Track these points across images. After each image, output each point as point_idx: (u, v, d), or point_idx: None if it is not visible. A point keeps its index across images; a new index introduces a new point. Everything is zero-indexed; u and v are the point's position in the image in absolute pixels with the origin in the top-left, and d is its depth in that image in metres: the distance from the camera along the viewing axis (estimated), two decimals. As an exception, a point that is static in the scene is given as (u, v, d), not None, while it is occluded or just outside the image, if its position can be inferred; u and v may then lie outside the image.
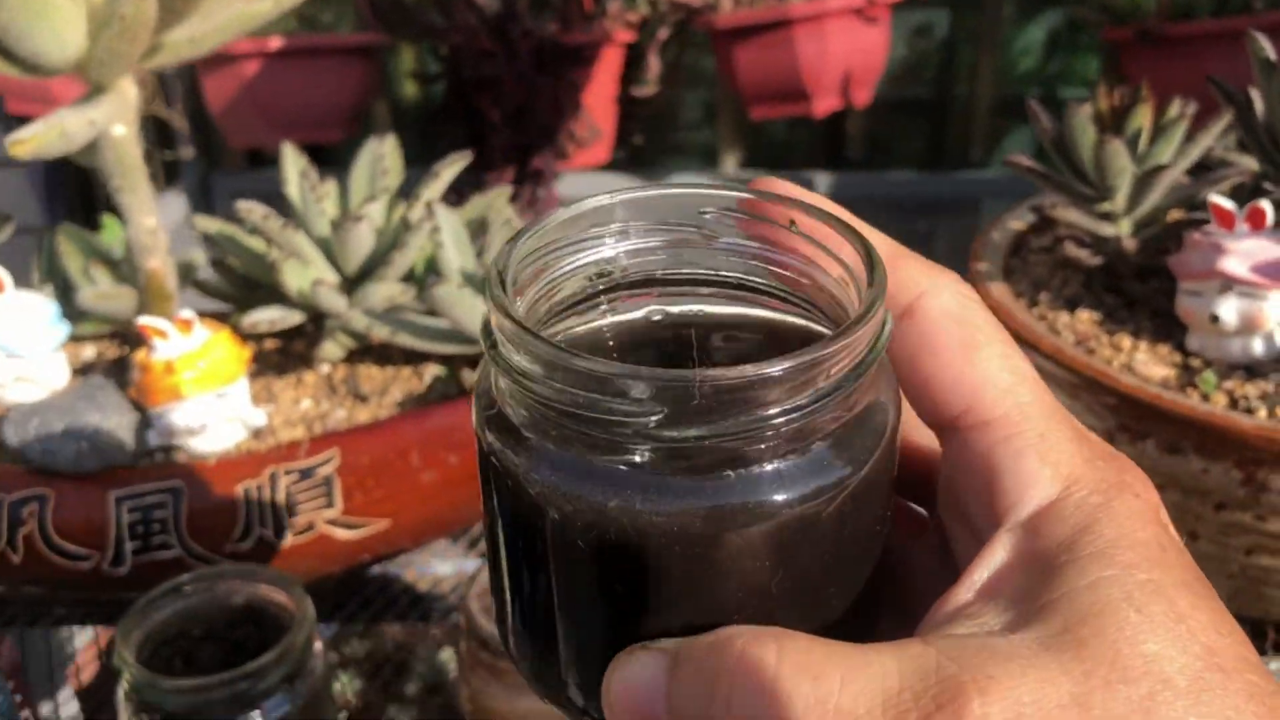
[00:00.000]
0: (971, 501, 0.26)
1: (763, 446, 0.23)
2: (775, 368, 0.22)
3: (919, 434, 0.29)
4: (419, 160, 0.73)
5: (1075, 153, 0.63)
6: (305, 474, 0.68)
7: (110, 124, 0.64)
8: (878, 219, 0.28)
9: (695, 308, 0.29)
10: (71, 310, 0.75)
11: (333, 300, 0.69)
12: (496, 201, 0.76)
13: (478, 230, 0.74)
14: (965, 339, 0.26)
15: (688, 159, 1.94)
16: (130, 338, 0.79)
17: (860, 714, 0.21)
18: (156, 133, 1.90)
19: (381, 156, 0.72)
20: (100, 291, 0.71)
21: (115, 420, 0.67)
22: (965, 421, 0.26)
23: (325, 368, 0.74)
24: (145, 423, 0.68)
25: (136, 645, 0.57)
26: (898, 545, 0.28)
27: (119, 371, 0.74)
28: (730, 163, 1.83)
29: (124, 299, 0.72)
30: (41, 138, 0.58)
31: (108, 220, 0.84)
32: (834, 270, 0.26)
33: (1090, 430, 0.26)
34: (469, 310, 0.64)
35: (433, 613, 0.77)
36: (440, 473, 0.69)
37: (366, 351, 0.74)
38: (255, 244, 0.73)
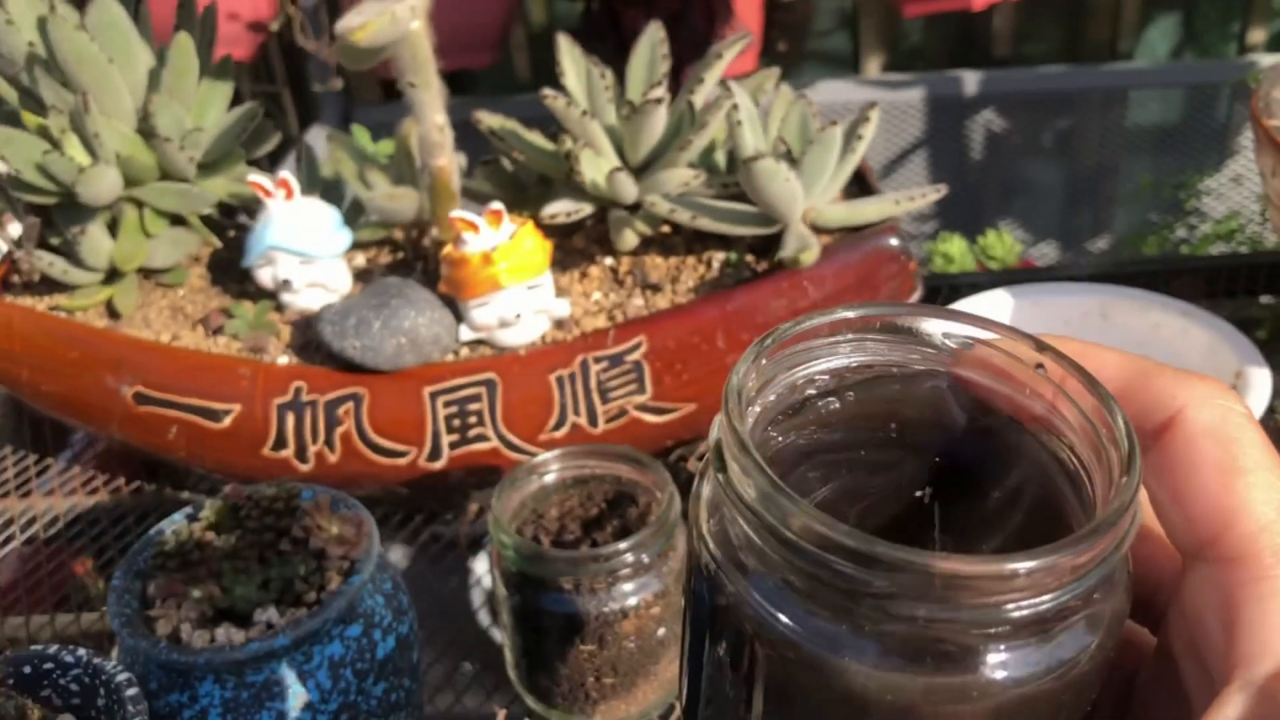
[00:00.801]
0: (1206, 638, 0.23)
1: (992, 631, 0.22)
2: (1020, 564, 0.21)
3: (1155, 545, 0.26)
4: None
5: None
6: (614, 361, 0.68)
7: (413, 18, 0.64)
8: (1022, 116, 0.26)
9: (934, 438, 0.27)
10: (348, 216, 0.75)
11: (628, 188, 0.68)
12: (765, 83, 0.74)
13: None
14: (1225, 461, 0.23)
15: (828, 65, 1.91)
16: (401, 244, 0.79)
17: None
18: (296, 68, 1.91)
19: (660, 42, 0.71)
20: (390, 192, 0.71)
21: (429, 316, 0.68)
22: (1213, 553, 0.23)
23: (609, 260, 0.74)
24: (458, 317, 0.69)
25: (506, 519, 0.57)
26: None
27: (403, 274, 0.75)
28: (873, 67, 1.80)
29: (409, 199, 0.72)
30: (375, 24, 0.58)
31: (356, 129, 0.84)
32: (1076, 420, 0.25)
33: None
34: (783, 187, 0.64)
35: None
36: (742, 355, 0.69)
37: (649, 243, 0.73)
38: (537, 139, 0.73)
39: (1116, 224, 2.02)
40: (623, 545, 0.54)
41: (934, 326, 0.27)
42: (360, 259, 0.79)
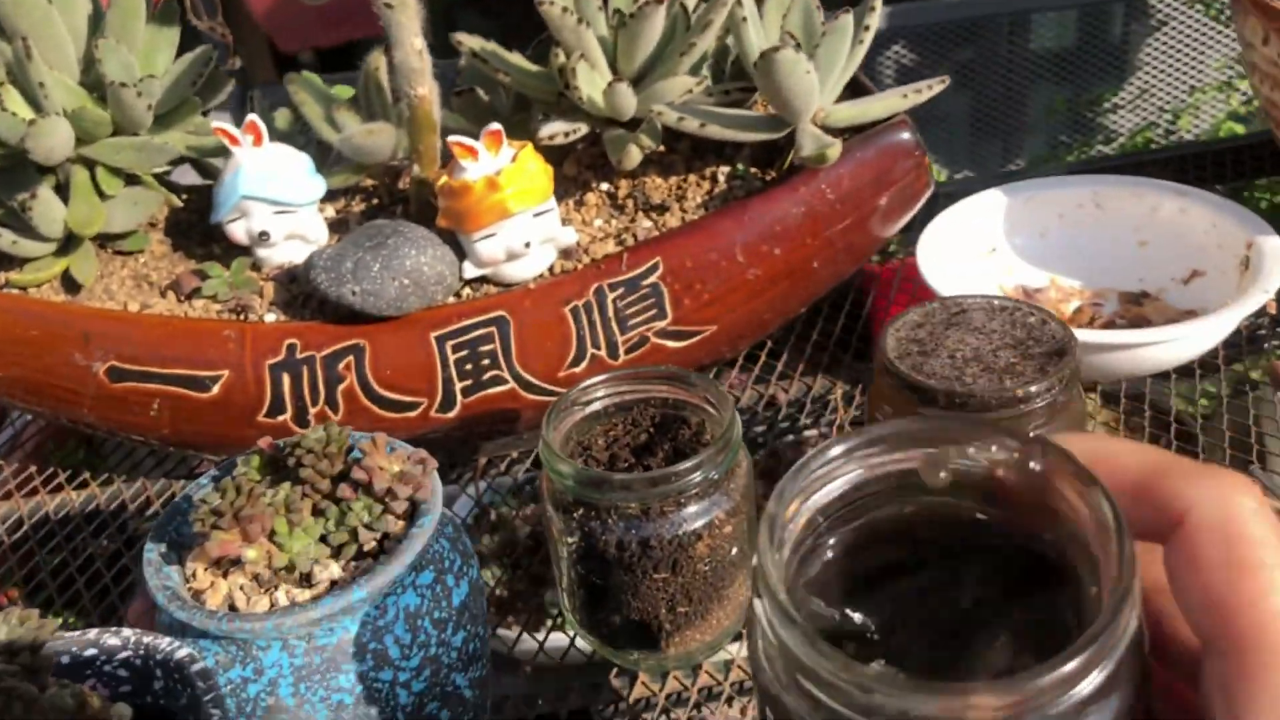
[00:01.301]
0: None
1: None
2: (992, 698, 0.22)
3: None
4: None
5: None
6: (631, 286, 0.65)
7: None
8: (928, 48, 0.24)
9: (951, 552, 0.28)
10: (318, 161, 0.70)
11: (628, 101, 0.65)
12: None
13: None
14: (1235, 557, 0.24)
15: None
16: (374, 189, 0.74)
17: None
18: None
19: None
20: (368, 128, 0.66)
21: (431, 253, 0.63)
22: (1217, 646, 0.24)
23: (605, 185, 0.70)
24: (460, 254, 0.64)
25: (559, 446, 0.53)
26: None
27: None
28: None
29: (387, 135, 0.67)
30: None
31: (307, 76, 0.78)
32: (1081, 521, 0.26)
33: None
34: (804, 80, 0.61)
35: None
36: (764, 269, 0.66)
37: (646, 163, 0.69)
38: (522, 61, 0.68)
39: (1025, 150, 2.05)
40: (690, 463, 0.51)
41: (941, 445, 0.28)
42: (329, 210, 0.73)
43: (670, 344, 0.66)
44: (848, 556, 0.28)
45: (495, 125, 0.61)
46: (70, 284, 0.67)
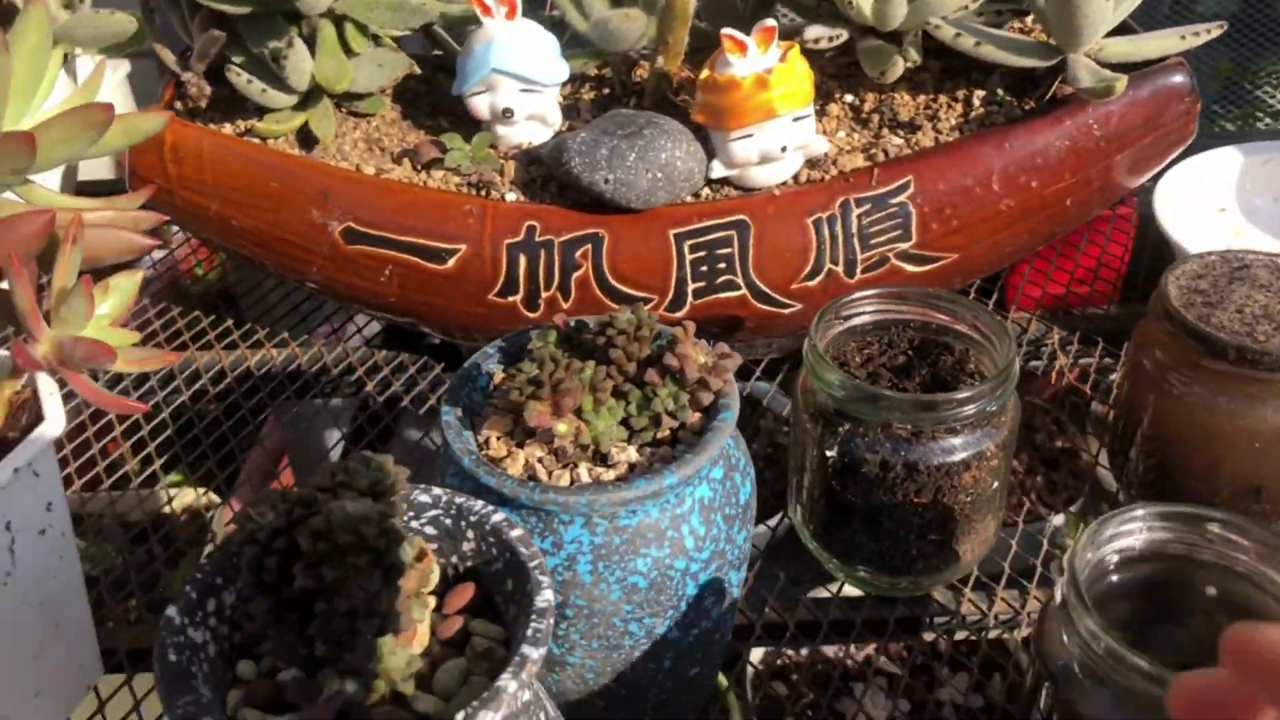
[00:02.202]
0: None
1: None
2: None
3: None
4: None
5: None
6: (878, 203, 0.63)
7: None
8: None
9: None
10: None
11: (899, 11, 0.62)
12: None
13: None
14: None
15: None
16: (607, 79, 0.72)
17: None
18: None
19: None
20: (624, 12, 0.64)
21: (685, 149, 0.61)
22: None
23: (849, 98, 0.68)
24: (709, 152, 0.63)
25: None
26: None
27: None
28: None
29: (639, 22, 0.65)
30: None
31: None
32: None
33: None
34: (1097, 6, 0.58)
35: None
36: (1018, 200, 0.64)
37: (895, 79, 0.67)
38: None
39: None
40: (971, 392, 0.49)
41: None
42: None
43: (909, 267, 0.64)
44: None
45: (769, 21, 0.59)
46: (305, 140, 0.66)
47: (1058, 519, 0.78)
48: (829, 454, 0.52)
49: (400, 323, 0.70)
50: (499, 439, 0.45)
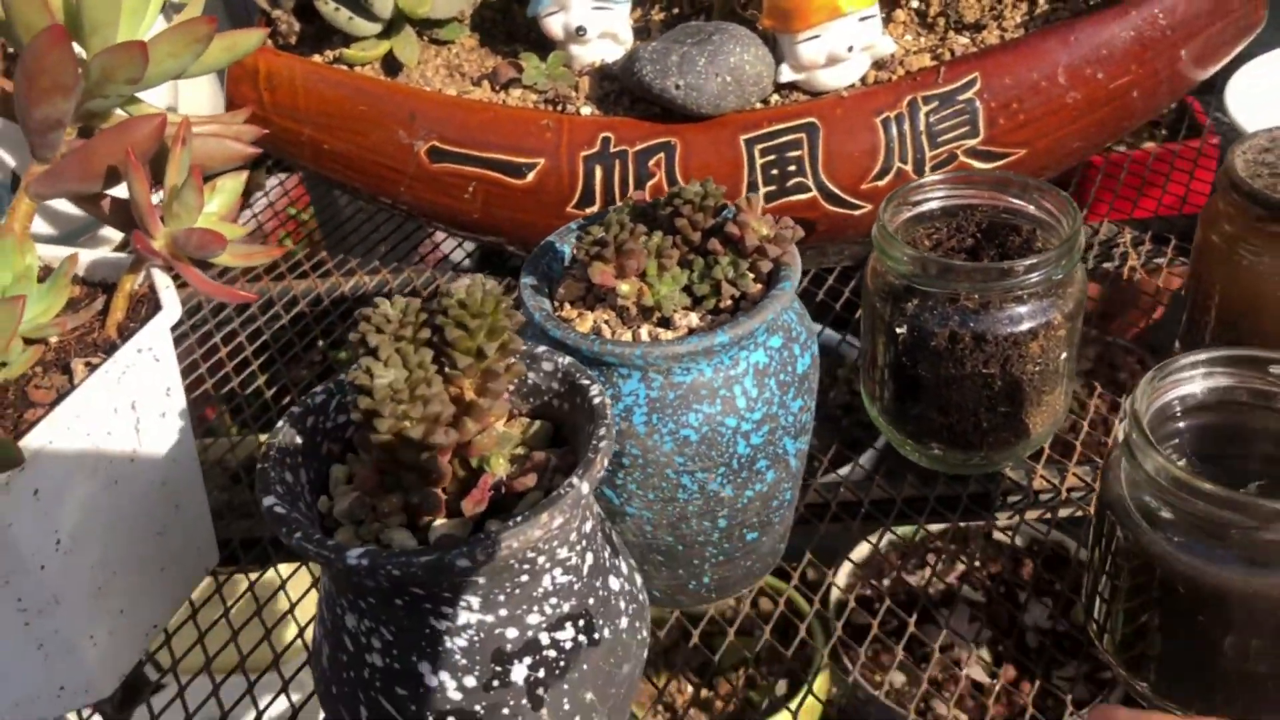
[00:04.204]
0: None
1: None
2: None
3: None
4: None
5: None
6: (945, 100, 0.64)
7: None
8: None
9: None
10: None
11: (960, -90, 0.63)
12: None
13: None
14: None
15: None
16: (676, 0, 0.74)
17: None
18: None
19: None
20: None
21: (754, 53, 0.63)
22: None
23: (915, 2, 0.69)
24: (778, 58, 0.64)
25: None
26: None
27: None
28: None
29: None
30: None
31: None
32: None
33: None
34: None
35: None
36: (1085, 93, 0.64)
37: (958, -19, 0.68)
38: None
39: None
40: (1036, 259, 0.51)
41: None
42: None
43: (978, 164, 0.65)
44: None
45: (831, -76, 0.61)
46: (390, 66, 0.70)
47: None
48: (898, 330, 0.54)
49: (486, 241, 0.73)
50: (571, 304, 0.47)
